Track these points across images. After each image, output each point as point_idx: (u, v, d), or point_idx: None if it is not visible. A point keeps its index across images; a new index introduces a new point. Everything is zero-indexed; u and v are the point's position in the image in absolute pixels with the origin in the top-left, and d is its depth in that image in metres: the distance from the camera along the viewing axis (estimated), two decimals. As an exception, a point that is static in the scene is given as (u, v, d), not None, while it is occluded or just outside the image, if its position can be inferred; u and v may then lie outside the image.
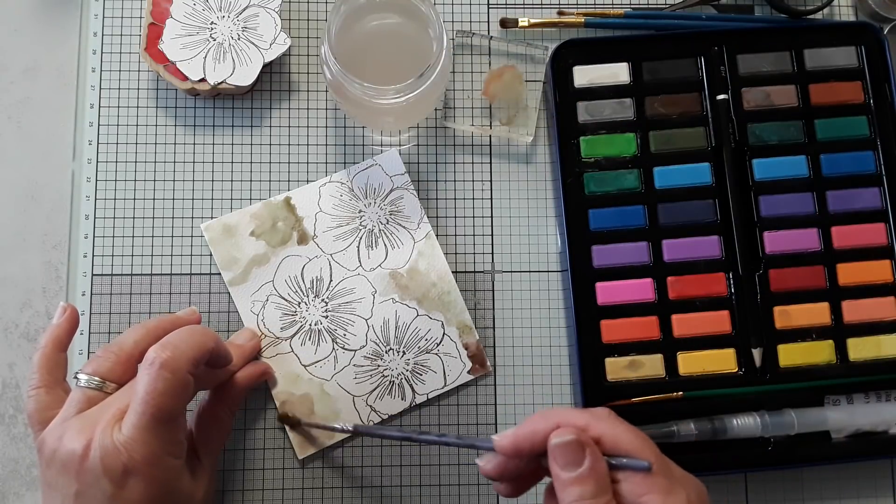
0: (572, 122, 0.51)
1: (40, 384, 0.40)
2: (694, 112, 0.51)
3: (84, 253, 0.50)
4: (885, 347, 0.49)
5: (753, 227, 0.50)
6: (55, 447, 0.37)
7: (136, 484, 0.36)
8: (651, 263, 0.49)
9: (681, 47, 0.52)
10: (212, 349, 0.40)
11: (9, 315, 0.50)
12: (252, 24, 0.50)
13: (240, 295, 0.50)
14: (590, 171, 0.50)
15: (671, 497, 0.33)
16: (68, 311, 0.43)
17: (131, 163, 0.51)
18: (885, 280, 0.49)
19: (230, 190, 0.51)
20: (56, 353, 0.42)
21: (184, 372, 0.38)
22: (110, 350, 0.40)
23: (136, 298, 0.50)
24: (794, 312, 0.49)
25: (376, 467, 0.49)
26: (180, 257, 0.50)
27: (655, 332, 0.49)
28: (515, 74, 0.52)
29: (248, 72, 0.50)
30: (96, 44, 0.52)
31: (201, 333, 0.40)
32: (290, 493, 0.48)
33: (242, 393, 0.46)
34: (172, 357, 0.38)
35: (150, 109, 0.52)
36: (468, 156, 0.52)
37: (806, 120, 0.51)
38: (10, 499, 0.48)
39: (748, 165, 0.50)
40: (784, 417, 0.46)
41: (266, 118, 0.52)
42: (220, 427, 0.45)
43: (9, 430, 0.49)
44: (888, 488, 0.50)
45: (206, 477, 0.43)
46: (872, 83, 0.51)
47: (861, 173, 0.50)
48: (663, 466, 0.34)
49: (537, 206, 0.52)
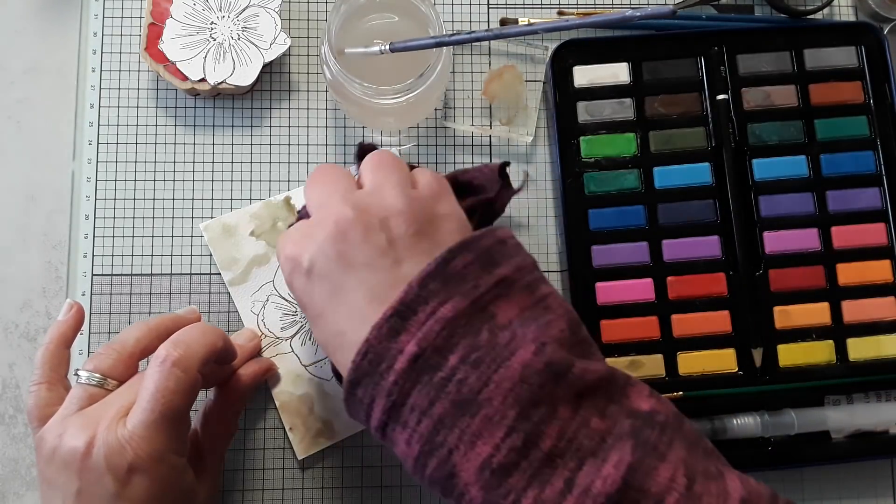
0: (572, 122, 0.51)
1: (42, 380, 0.40)
2: (694, 112, 0.51)
3: (84, 253, 0.50)
4: (885, 347, 0.49)
5: (753, 227, 0.50)
6: (56, 444, 0.37)
7: (140, 481, 0.36)
8: (651, 263, 0.49)
9: (681, 47, 0.52)
10: (221, 348, 0.40)
11: (9, 315, 0.50)
12: (252, 24, 0.50)
13: (240, 295, 0.50)
14: (590, 171, 0.50)
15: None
16: (74, 309, 0.43)
17: (131, 163, 0.51)
18: (885, 280, 0.49)
19: (230, 190, 0.51)
20: (60, 349, 0.42)
21: (194, 371, 0.38)
22: (112, 347, 0.40)
23: (136, 298, 0.50)
24: (794, 312, 0.49)
25: (376, 467, 0.49)
26: (180, 257, 0.50)
27: (655, 332, 0.49)
28: (515, 74, 0.52)
29: (248, 72, 0.50)
30: (96, 44, 0.53)
31: (211, 332, 0.40)
32: (289, 494, 0.48)
33: (247, 392, 0.46)
34: (185, 355, 0.38)
35: (150, 109, 0.52)
36: (468, 156, 0.52)
37: (806, 120, 0.51)
38: (10, 499, 0.48)
39: (748, 165, 0.50)
40: (784, 417, 0.46)
41: (266, 118, 0.52)
42: (225, 427, 0.45)
43: (9, 430, 0.49)
44: (888, 488, 0.50)
45: (210, 477, 0.43)
46: (872, 83, 0.51)
47: (861, 173, 0.50)
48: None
49: (537, 206, 0.52)
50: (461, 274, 0.34)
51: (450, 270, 0.34)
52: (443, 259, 0.34)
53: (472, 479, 0.32)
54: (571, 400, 0.33)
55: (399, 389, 0.33)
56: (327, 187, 0.38)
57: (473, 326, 0.33)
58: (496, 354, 0.33)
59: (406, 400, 0.33)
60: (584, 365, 0.33)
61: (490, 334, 0.33)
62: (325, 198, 0.38)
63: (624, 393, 0.34)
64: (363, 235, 0.36)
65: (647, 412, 0.33)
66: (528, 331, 0.33)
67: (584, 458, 0.31)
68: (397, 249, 0.36)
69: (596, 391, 0.33)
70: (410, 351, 0.33)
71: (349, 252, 0.35)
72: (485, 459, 0.31)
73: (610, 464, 0.31)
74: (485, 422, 0.32)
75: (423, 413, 0.32)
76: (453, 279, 0.34)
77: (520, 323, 0.34)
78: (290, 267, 0.37)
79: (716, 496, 0.31)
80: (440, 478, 0.33)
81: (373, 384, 0.34)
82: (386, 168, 0.39)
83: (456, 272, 0.34)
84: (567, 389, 0.32)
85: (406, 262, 0.35)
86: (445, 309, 0.33)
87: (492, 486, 0.31)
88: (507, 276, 0.35)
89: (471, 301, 0.33)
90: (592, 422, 0.32)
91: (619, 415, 0.33)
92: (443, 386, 0.32)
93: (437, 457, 0.32)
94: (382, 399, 0.33)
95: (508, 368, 0.32)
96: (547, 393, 0.32)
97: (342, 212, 0.36)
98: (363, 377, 0.34)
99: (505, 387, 0.32)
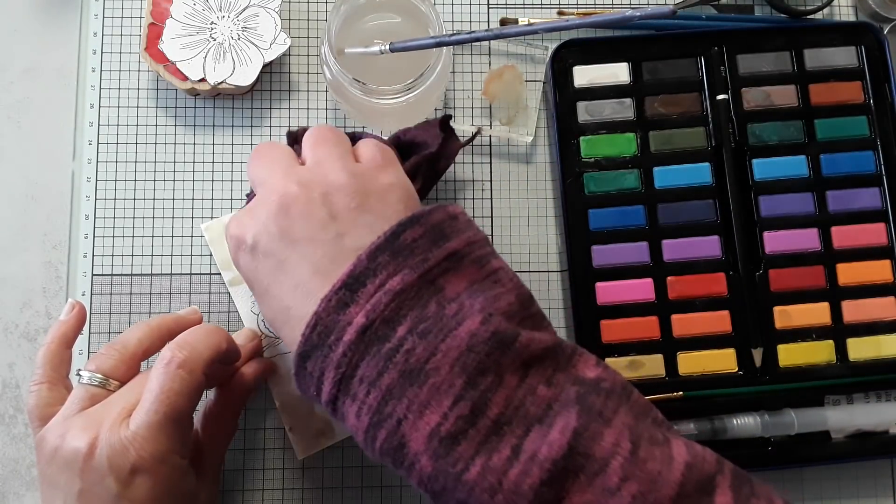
0: (572, 122, 0.51)
1: (43, 380, 0.40)
2: (694, 112, 0.51)
3: (84, 253, 0.50)
4: (885, 347, 0.49)
5: (753, 227, 0.50)
6: (57, 444, 0.37)
7: (143, 482, 0.36)
8: (651, 263, 0.49)
9: (681, 47, 0.52)
10: (225, 350, 0.40)
11: (9, 315, 0.50)
12: (252, 24, 0.50)
13: (240, 295, 0.50)
14: (590, 171, 0.50)
15: None
16: (76, 309, 0.43)
17: (131, 163, 0.51)
18: (885, 280, 0.49)
19: (230, 190, 0.51)
20: (62, 349, 0.42)
21: (199, 372, 0.38)
22: (114, 348, 0.40)
23: (136, 298, 0.50)
24: (794, 312, 0.49)
25: (376, 467, 0.49)
26: (180, 257, 0.50)
27: (655, 332, 0.49)
28: (515, 74, 0.52)
29: (248, 72, 0.50)
30: (96, 44, 0.52)
31: (216, 334, 0.40)
32: (290, 494, 0.48)
33: (248, 393, 0.46)
34: (190, 357, 0.38)
35: (150, 109, 0.52)
36: (468, 156, 0.52)
37: (806, 120, 0.51)
38: (10, 499, 0.48)
39: (748, 165, 0.50)
40: (784, 417, 0.47)
41: (266, 118, 0.52)
42: (225, 428, 0.45)
43: (9, 430, 0.49)
44: (888, 488, 0.50)
45: (210, 477, 0.43)
46: (872, 83, 0.51)
47: (861, 173, 0.50)
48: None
49: (537, 206, 0.52)
50: (410, 247, 0.34)
51: (399, 244, 0.34)
52: (392, 232, 0.35)
53: (421, 449, 0.32)
54: (518, 369, 0.33)
55: (348, 361, 0.33)
56: (269, 165, 0.39)
57: (422, 299, 0.33)
58: (443, 325, 0.33)
59: (355, 372, 0.33)
60: (530, 335, 0.34)
61: (438, 306, 0.33)
62: (267, 175, 0.38)
63: (570, 362, 0.34)
64: (305, 210, 0.36)
65: (593, 379, 0.34)
66: (476, 302, 0.34)
67: (531, 425, 0.32)
68: (340, 223, 0.36)
69: (543, 360, 0.33)
70: (359, 322, 0.33)
71: (291, 227, 0.36)
72: (433, 428, 0.32)
73: (556, 429, 0.31)
74: (432, 391, 0.32)
75: (371, 384, 0.33)
76: (402, 252, 0.34)
77: (468, 295, 0.34)
78: (234, 245, 0.38)
79: (660, 461, 0.32)
80: (390, 449, 0.33)
81: (322, 356, 0.34)
82: (327, 143, 0.39)
83: (405, 245, 0.34)
84: (513, 358, 0.33)
85: (349, 235, 0.36)
86: (394, 281, 0.33)
87: (440, 454, 0.32)
88: (457, 250, 0.35)
89: (419, 274, 0.34)
90: (539, 389, 0.33)
91: (565, 382, 0.33)
92: (390, 356, 0.32)
93: (385, 428, 0.32)
94: (332, 371, 0.33)
95: (455, 338, 0.32)
96: (493, 361, 0.32)
97: (284, 188, 0.37)
98: (312, 350, 0.34)
99: (452, 356, 0.32)
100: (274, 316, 0.37)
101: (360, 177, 0.37)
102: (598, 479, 0.31)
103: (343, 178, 0.37)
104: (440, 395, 0.32)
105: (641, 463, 0.31)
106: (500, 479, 0.31)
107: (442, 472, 0.32)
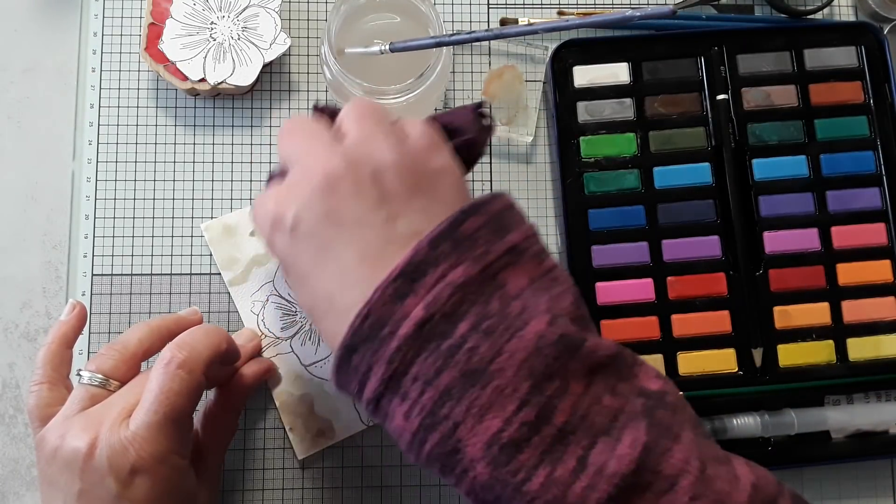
0: (572, 122, 0.51)
1: (43, 380, 0.40)
2: (694, 112, 0.51)
3: (84, 253, 0.50)
4: (885, 347, 0.49)
5: (753, 227, 0.50)
6: (57, 445, 0.37)
7: (143, 483, 0.36)
8: (651, 263, 0.49)
9: (681, 47, 0.52)
10: (225, 350, 0.40)
11: (9, 315, 0.50)
12: (252, 24, 0.50)
13: (240, 295, 0.50)
14: (590, 171, 0.50)
15: None
16: (77, 309, 0.43)
17: (131, 163, 0.51)
18: (885, 280, 0.49)
19: (230, 190, 0.51)
20: (62, 349, 0.42)
21: (199, 373, 0.38)
22: (114, 348, 0.40)
23: (136, 298, 0.50)
24: (793, 312, 0.49)
25: (376, 467, 0.49)
26: (180, 257, 0.50)
27: (655, 332, 0.49)
28: (515, 74, 0.52)
29: (248, 72, 0.50)
30: (96, 44, 0.52)
31: (216, 334, 0.40)
32: (290, 494, 0.48)
33: (247, 393, 0.46)
34: (190, 357, 0.38)
35: (150, 109, 0.52)
36: (468, 156, 0.52)
37: (806, 120, 0.51)
38: (10, 499, 0.48)
39: (748, 165, 0.50)
40: (784, 417, 0.47)
41: (266, 118, 0.52)
42: (225, 428, 0.45)
43: (9, 430, 0.49)
44: (888, 488, 0.50)
45: (210, 477, 0.43)
46: (872, 83, 0.51)
47: (861, 173, 0.50)
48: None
49: (537, 206, 0.52)
50: (472, 238, 0.32)
51: (461, 233, 0.32)
52: (454, 219, 0.32)
53: (478, 455, 0.30)
54: (584, 375, 0.31)
55: (402, 357, 0.31)
56: (307, 139, 0.35)
57: (484, 294, 0.31)
58: (509, 324, 0.31)
59: (409, 369, 0.31)
60: (596, 340, 0.32)
61: (501, 303, 0.31)
62: (306, 150, 0.35)
63: (632, 372, 0.32)
64: (354, 189, 0.33)
65: (657, 392, 0.32)
66: (541, 301, 0.32)
67: (597, 436, 0.30)
68: (391, 205, 0.33)
69: (607, 367, 0.32)
70: (417, 315, 0.30)
71: (339, 207, 0.33)
72: (494, 434, 0.30)
73: (625, 443, 0.30)
74: (496, 393, 0.30)
75: (426, 383, 0.30)
76: (464, 242, 0.32)
77: (531, 293, 0.32)
78: (270, 225, 0.34)
79: (726, 480, 0.31)
80: (441, 454, 0.30)
81: (372, 350, 0.31)
82: (373, 117, 0.36)
83: (467, 235, 0.32)
84: (580, 364, 0.31)
85: (401, 219, 0.33)
86: (455, 273, 0.31)
87: (500, 462, 0.30)
88: (518, 243, 0.33)
89: (481, 267, 0.31)
90: (604, 399, 0.31)
91: (629, 393, 0.31)
92: (451, 354, 0.30)
93: (439, 431, 0.30)
94: (382, 367, 0.31)
95: (521, 339, 0.30)
96: (560, 366, 0.30)
97: (331, 163, 0.33)
98: (361, 342, 0.31)
99: (518, 357, 0.30)
100: (314, 304, 0.34)
101: (411, 156, 0.34)
102: (667, 497, 0.29)
103: (393, 157, 0.34)
104: (504, 398, 0.30)
105: (710, 482, 0.30)
106: (564, 491, 0.29)
107: (500, 480, 0.30)
